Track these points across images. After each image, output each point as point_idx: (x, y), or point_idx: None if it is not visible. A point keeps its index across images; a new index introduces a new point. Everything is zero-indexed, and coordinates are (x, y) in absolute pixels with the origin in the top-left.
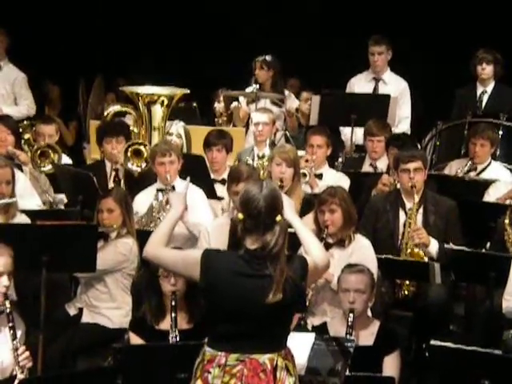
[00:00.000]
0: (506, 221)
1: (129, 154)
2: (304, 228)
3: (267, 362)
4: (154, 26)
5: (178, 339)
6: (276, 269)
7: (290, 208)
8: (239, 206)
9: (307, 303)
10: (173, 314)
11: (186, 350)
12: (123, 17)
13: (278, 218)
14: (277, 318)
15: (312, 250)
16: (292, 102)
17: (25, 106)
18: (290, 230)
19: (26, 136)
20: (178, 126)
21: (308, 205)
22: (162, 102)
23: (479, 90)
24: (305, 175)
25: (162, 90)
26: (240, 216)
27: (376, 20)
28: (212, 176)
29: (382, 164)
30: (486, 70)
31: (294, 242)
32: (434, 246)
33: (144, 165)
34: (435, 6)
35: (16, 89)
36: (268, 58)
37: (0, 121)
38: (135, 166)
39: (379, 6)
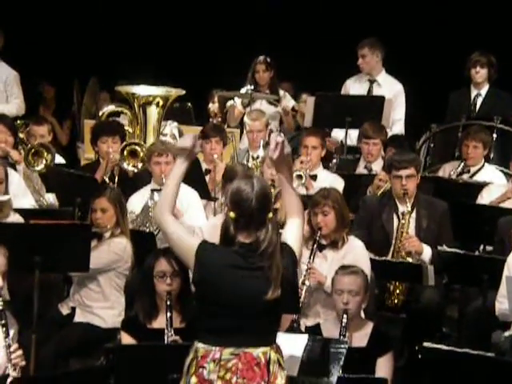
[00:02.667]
0: None
1: (125, 153)
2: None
3: (261, 355)
4: (149, 27)
5: (173, 338)
6: (272, 266)
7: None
8: (230, 205)
9: (300, 305)
10: (168, 314)
11: (178, 349)
12: (118, 17)
13: (270, 215)
14: (270, 312)
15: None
16: (288, 102)
17: (15, 105)
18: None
19: (20, 135)
20: (171, 127)
21: None
22: (158, 102)
23: (473, 93)
24: (300, 177)
25: (158, 91)
26: (232, 215)
27: (371, 23)
28: (207, 167)
29: (377, 166)
30: (480, 73)
31: None
32: (427, 253)
33: (140, 165)
34: (430, 8)
35: (8, 87)
36: (268, 58)
37: (1, 122)
38: (131, 166)
39: (374, 9)
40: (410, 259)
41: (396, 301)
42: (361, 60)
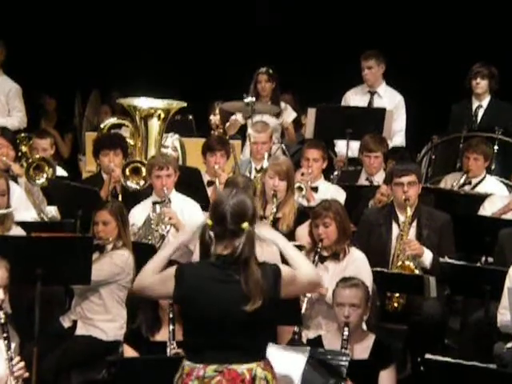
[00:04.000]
0: None
1: (127, 171)
2: (289, 245)
3: (245, 372)
4: (150, 40)
5: (176, 350)
6: (247, 276)
7: (267, 228)
8: (209, 212)
9: (301, 317)
10: (171, 327)
11: (181, 362)
12: (119, 30)
13: (244, 225)
14: (252, 327)
15: (301, 267)
16: (289, 115)
17: (17, 118)
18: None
19: (23, 149)
20: (173, 139)
21: (302, 216)
22: (159, 115)
23: (475, 104)
24: (301, 189)
25: (159, 104)
26: (209, 221)
27: (372, 35)
28: (210, 179)
29: (379, 178)
30: (481, 84)
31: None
32: (427, 256)
33: (142, 183)
34: (432, 20)
35: (9, 100)
36: (270, 70)
37: (2, 135)
38: (134, 184)
39: (375, 20)
40: (410, 263)
41: (396, 304)
42: (367, 71)
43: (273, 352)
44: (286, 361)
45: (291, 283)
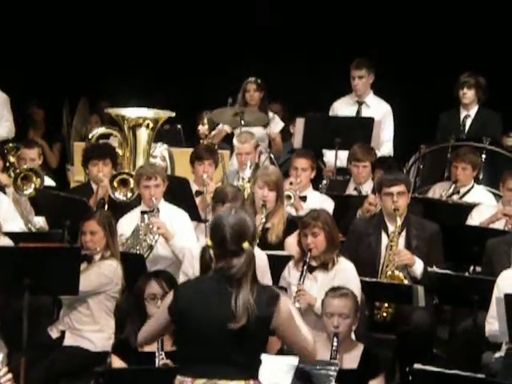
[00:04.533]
0: None
1: (115, 183)
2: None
3: None
4: (139, 49)
5: (164, 361)
6: (238, 295)
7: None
8: (209, 233)
9: None
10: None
11: (169, 373)
12: (107, 39)
13: (245, 245)
14: (241, 345)
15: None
16: (276, 125)
17: (5, 128)
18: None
19: (11, 159)
20: (161, 149)
21: (291, 226)
22: (148, 124)
23: (462, 114)
24: (289, 197)
25: (148, 113)
26: (209, 242)
27: (360, 44)
28: (198, 188)
29: (367, 188)
30: (467, 94)
31: None
32: (418, 266)
33: (130, 195)
34: (421, 29)
35: None
36: (258, 80)
37: None
38: (122, 196)
39: (364, 29)
40: (399, 273)
41: (385, 314)
42: (357, 81)
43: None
44: (276, 367)
45: (288, 321)
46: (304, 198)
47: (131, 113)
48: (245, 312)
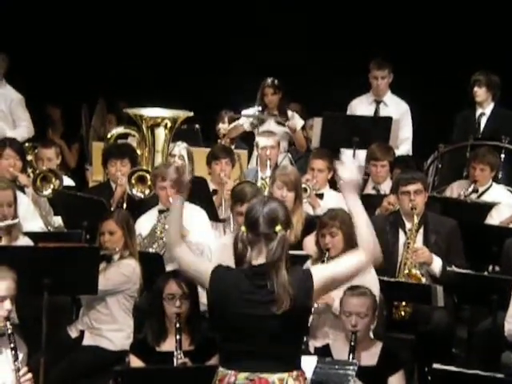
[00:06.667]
0: None
1: (133, 180)
2: (362, 214)
3: (277, 381)
4: (157, 49)
5: (183, 360)
6: (276, 280)
7: (351, 188)
8: (244, 220)
9: (308, 326)
10: (177, 336)
11: (187, 372)
12: (125, 39)
13: (278, 228)
14: (282, 335)
15: (363, 237)
16: (297, 121)
17: (24, 129)
18: None
19: (29, 158)
20: (180, 148)
21: (310, 226)
22: (166, 124)
23: (478, 112)
24: (306, 190)
25: (166, 113)
26: (243, 228)
27: (376, 43)
28: (215, 187)
29: (386, 187)
30: (478, 92)
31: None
32: (437, 264)
33: (147, 191)
34: (438, 27)
35: (13, 110)
36: (276, 80)
37: (10, 146)
38: (139, 192)
39: (380, 29)
40: (417, 271)
41: (403, 313)
42: (380, 81)
43: None
44: None
45: (329, 283)
46: (321, 196)
47: (150, 112)
48: (285, 294)
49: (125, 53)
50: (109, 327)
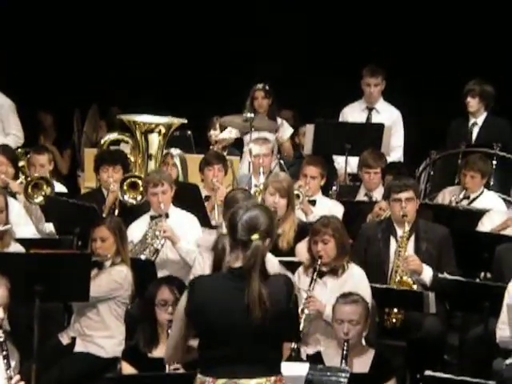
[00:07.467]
0: None
1: (125, 186)
2: None
3: None
4: (149, 56)
5: (175, 366)
6: (248, 289)
7: None
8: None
9: (301, 334)
10: None
11: (179, 378)
12: (117, 45)
13: (254, 237)
14: (261, 341)
15: None
16: (285, 130)
17: (13, 137)
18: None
19: (21, 164)
20: (174, 155)
21: (302, 232)
22: (160, 130)
23: (470, 121)
24: (298, 196)
25: (160, 119)
26: (224, 231)
27: (369, 51)
28: (207, 194)
29: (378, 194)
30: (471, 102)
31: None
32: (427, 273)
33: (139, 198)
34: (432, 36)
35: (4, 116)
36: (266, 86)
37: (2, 153)
38: (131, 199)
39: (373, 36)
40: (408, 279)
41: (395, 320)
42: (373, 88)
43: None
44: (287, 374)
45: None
46: (313, 202)
47: (143, 118)
48: (256, 304)
49: (117, 58)
50: (100, 334)
